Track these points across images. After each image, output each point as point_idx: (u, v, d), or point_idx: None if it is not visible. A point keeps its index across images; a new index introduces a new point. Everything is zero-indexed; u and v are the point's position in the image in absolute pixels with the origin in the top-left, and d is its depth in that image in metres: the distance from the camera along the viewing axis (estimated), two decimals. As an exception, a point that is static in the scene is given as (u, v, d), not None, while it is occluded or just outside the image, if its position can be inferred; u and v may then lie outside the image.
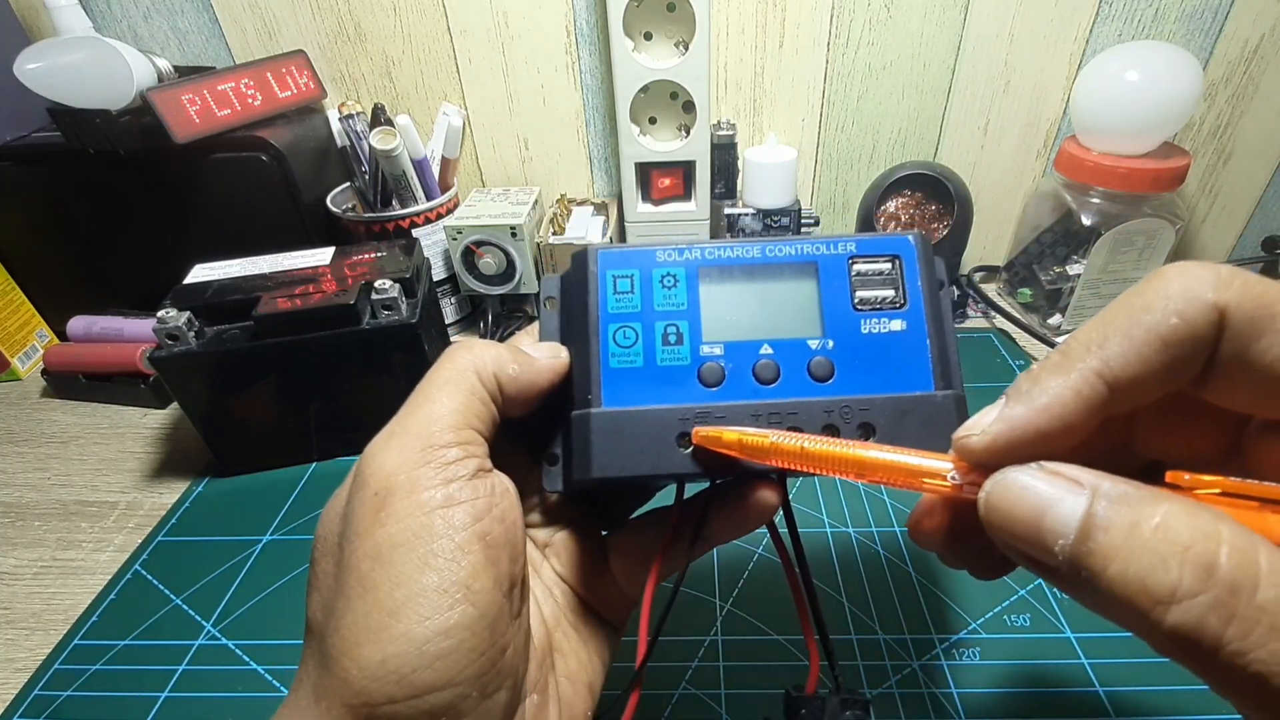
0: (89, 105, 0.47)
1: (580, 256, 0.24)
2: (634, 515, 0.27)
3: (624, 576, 0.25)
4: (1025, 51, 0.55)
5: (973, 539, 0.19)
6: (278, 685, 0.32)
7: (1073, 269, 0.53)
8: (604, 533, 0.27)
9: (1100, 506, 0.14)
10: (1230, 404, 0.16)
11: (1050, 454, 0.16)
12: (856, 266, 0.23)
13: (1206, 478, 0.14)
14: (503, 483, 0.20)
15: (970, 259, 0.60)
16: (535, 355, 0.22)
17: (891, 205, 0.57)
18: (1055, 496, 0.14)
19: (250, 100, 0.51)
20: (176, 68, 0.51)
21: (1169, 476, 0.15)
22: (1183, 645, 0.12)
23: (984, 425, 0.16)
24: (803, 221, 0.59)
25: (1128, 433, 0.19)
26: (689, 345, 0.23)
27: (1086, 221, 0.51)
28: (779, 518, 0.24)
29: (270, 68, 0.53)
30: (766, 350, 0.23)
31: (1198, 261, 0.16)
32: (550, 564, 0.25)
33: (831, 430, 0.21)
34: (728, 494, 0.22)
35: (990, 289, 0.60)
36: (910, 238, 0.24)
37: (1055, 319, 0.55)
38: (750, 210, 0.59)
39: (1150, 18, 0.53)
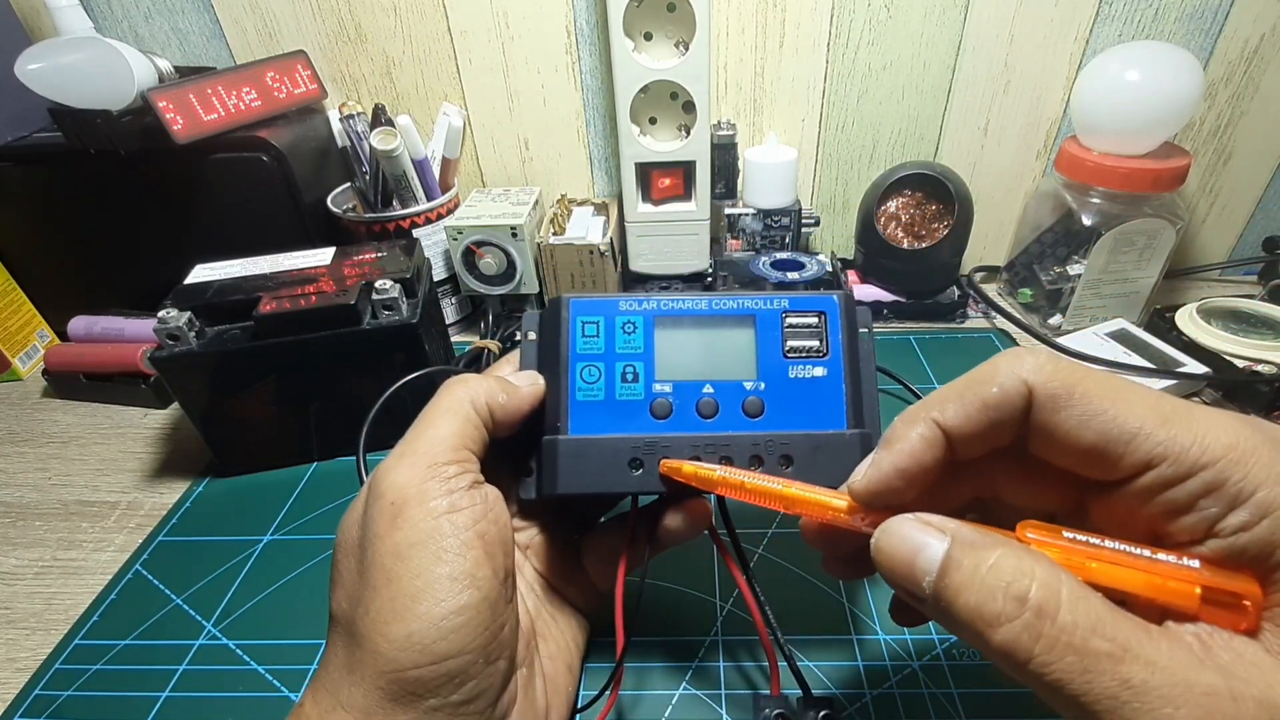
0: (90, 105, 0.47)
1: (555, 302, 0.28)
2: (601, 520, 0.32)
3: (595, 571, 0.30)
4: (1025, 51, 0.55)
5: (842, 546, 0.24)
6: (278, 685, 0.32)
7: (1073, 269, 0.53)
8: (576, 536, 0.31)
9: (955, 550, 0.17)
10: (1058, 462, 0.20)
11: (919, 492, 0.20)
12: (789, 320, 0.27)
13: (1046, 531, 0.19)
14: (493, 492, 0.24)
15: (970, 259, 0.60)
16: (518, 384, 0.26)
17: (892, 205, 0.57)
18: (924, 541, 0.18)
19: (250, 100, 0.52)
20: (177, 68, 0.51)
21: (1019, 527, 0.19)
22: (1006, 659, 0.16)
23: (863, 471, 0.21)
24: (803, 222, 0.59)
25: (994, 488, 0.23)
26: (644, 383, 0.27)
27: (1087, 221, 0.51)
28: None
29: (271, 68, 0.53)
30: (708, 390, 0.26)
31: (1032, 349, 0.20)
32: (531, 563, 0.29)
33: (757, 461, 0.25)
34: (674, 506, 0.27)
35: (991, 289, 0.60)
36: (835, 297, 0.27)
37: (1056, 319, 0.55)
38: (750, 210, 0.59)
39: (1150, 18, 0.53)
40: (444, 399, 0.25)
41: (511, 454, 0.28)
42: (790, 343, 0.27)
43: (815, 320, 0.27)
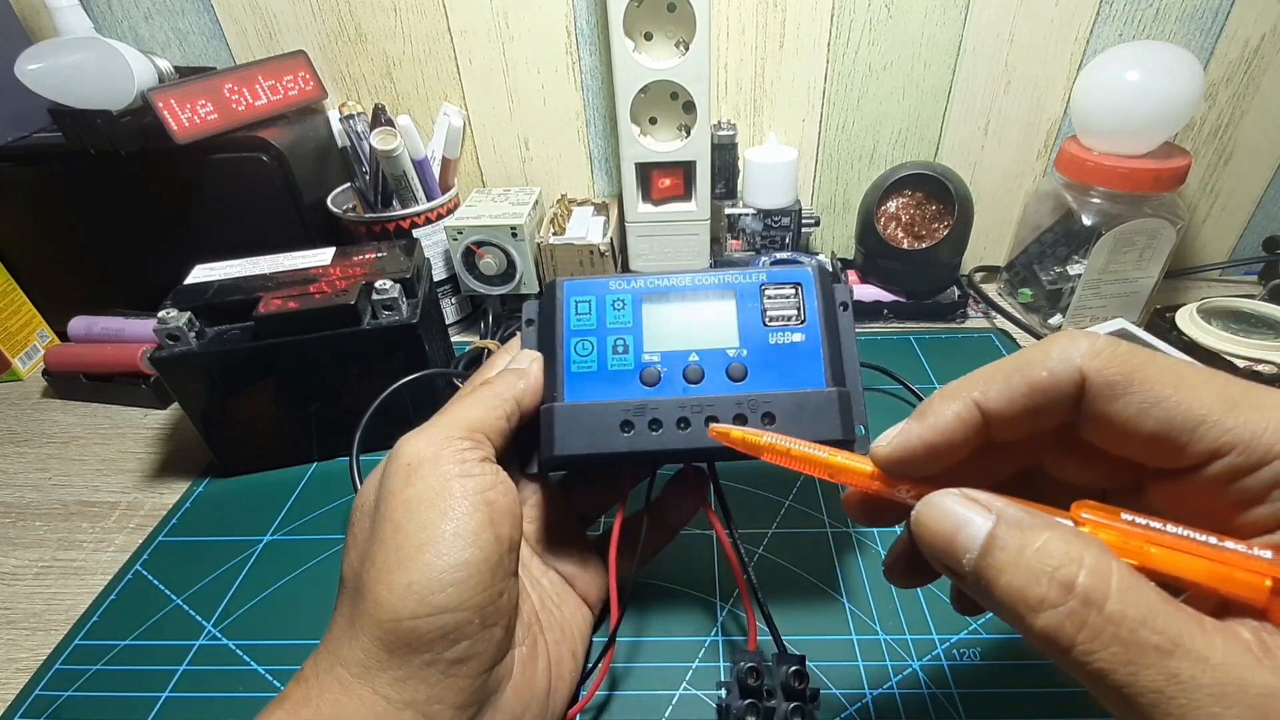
0: (90, 106, 0.47)
1: (550, 285, 0.30)
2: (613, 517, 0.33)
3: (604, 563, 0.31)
4: (1025, 51, 0.55)
5: (889, 517, 0.23)
6: (278, 685, 0.32)
7: (1073, 269, 0.53)
8: (591, 527, 0.33)
9: (1001, 529, 0.17)
10: (1115, 451, 0.19)
11: (946, 467, 0.20)
12: (767, 292, 0.29)
13: (1103, 512, 0.18)
14: (503, 471, 0.26)
15: (971, 259, 0.60)
16: (523, 366, 0.29)
17: (892, 205, 0.57)
18: (968, 518, 0.17)
19: (250, 100, 0.52)
20: (177, 68, 0.51)
21: (1074, 507, 0.18)
22: (1047, 644, 0.16)
23: (890, 437, 0.20)
24: (803, 222, 0.59)
25: (1040, 462, 0.22)
26: (633, 354, 0.28)
27: (1087, 221, 0.51)
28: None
29: (271, 68, 0.53)
30: (694, 357, 0.28)
31: (1086, 332, 0.19)
32: (541, 551, 0.31)
33: (740, 419, 0.26)
34: (675, 481, 0.31)
35: (991, 289, 0.60)
36: (810, 269, 0.29)
37: (1056, 319, 0.55)
38: (750, 210, 0.59)
39: (1151, 18, 0.53)
40: (466, 395, 0.27)
41: (524, 447, 0.30)
42: (770, 312, 0.29)
43: (792, 291, 0.29)
